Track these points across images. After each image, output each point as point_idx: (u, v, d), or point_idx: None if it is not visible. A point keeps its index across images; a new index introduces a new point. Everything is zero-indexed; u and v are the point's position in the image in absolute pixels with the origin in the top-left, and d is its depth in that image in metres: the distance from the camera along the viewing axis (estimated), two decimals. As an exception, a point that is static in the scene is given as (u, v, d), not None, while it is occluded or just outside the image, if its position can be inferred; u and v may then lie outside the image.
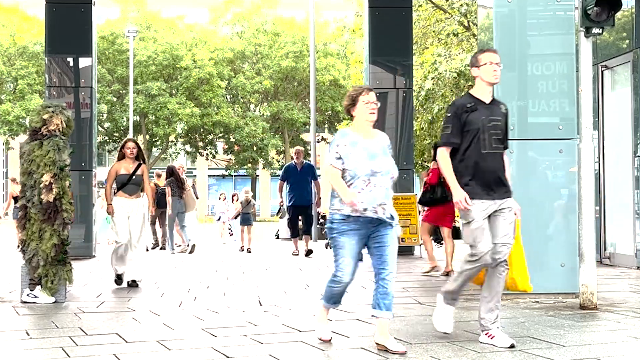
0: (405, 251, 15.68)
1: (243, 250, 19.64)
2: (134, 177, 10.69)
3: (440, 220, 12.32)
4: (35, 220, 8.94)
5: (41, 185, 8.86)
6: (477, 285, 6.79)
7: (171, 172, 17.80)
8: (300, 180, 15.92)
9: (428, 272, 12.17)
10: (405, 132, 16.31)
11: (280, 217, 27.13)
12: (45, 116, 9.02)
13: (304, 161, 16.20)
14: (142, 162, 10.85)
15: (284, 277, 11.74)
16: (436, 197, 11.97)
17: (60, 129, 9.07)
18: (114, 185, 10.76)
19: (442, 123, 6.87)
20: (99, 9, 17.10)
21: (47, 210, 8.91)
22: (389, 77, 16.52)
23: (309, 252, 15.84)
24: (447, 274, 11.75)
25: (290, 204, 16.00)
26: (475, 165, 6.56)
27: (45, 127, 9.03)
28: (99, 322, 7.73)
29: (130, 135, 49.42)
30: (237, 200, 23.33)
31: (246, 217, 20.09)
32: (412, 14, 17.57)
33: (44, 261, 8.90)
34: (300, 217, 16.31)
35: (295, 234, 16.39)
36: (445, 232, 12.29)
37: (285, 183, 16.05)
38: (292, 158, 16.38)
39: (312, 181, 16.05)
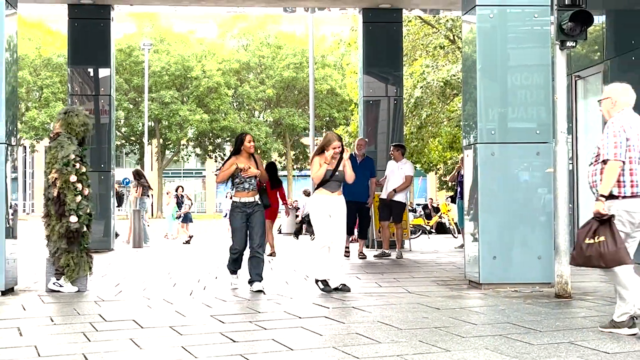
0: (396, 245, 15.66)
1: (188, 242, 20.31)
2: (336, 173, 8.97)
3: (273, 216, 14.20)
4: (53, 215, 8.96)
5: (51, 182, 8.91)
6: None
7: (140, 175, 18.68)
8: (357, 174, 12.58)
9: (270, 254, 13.71)
10: (396, 136, 16.30)
11: None
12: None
13: (365, 154, 13.63)
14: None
15: (285, 269, 11.73)
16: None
17: (60, 131, 9.07)
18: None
19: None
20: (117, 24, 17.11)
21: (55, 204, 8.90)
22: (381, 86, 16.52)
23: (361, 257, 13.28)
24: (270, 254, 13.64)
25: None
26: None
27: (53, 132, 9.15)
28: (117, 309, 7.73)
29: (145, 140, 49.45)
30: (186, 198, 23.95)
31: (189, 216, 21.63)
32: (402, 28, 17.57)
33: (61, 251, 8.91)
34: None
35: (360, 233, 13.89)
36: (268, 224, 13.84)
37: None
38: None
39: (370, 177, 13.36)
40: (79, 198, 8.92)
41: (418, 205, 33.33)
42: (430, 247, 16.81)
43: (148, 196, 18.72)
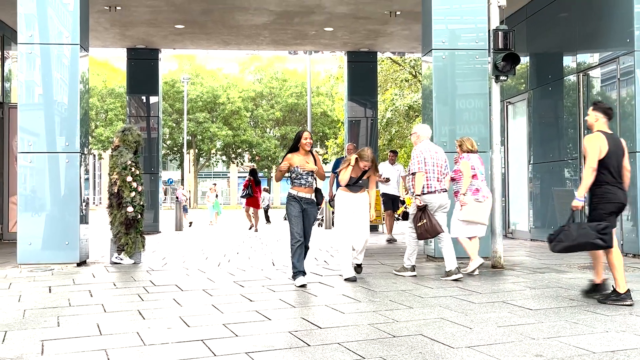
0: (371, 229, 15.69)
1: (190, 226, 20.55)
2: (360, 181, 7.47)
3: (257, 204, 16.71)
4: (115, 206, 8.97)
5: (112, 182, 8.96)
6: None
7: None
8: None
9: (251, 227, 16.12)
10: (372, 147, 16.32)
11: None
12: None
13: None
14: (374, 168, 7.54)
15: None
16: (249, 194, 16.80)
17: (119, 144, 9.12)
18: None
19: None
20: (163, 63, 17.10)
21: (116, 198, 8.95)
22: (361, 109, 16.53)
23: None
24: (251, 227, 15.94)
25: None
26: None
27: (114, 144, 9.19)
28: (163, 277, 7.72)
29: (184, 150, 49.30)
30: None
31: (186, 207, 22.31)
32: (377, 66, 17.60)
33: (121, 233, 8.92)
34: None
35: None
36: (252, 210, 16.85)
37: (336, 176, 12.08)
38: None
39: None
40: (133, 193, 8.93)
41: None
42: (398, 230, 16.81)
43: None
